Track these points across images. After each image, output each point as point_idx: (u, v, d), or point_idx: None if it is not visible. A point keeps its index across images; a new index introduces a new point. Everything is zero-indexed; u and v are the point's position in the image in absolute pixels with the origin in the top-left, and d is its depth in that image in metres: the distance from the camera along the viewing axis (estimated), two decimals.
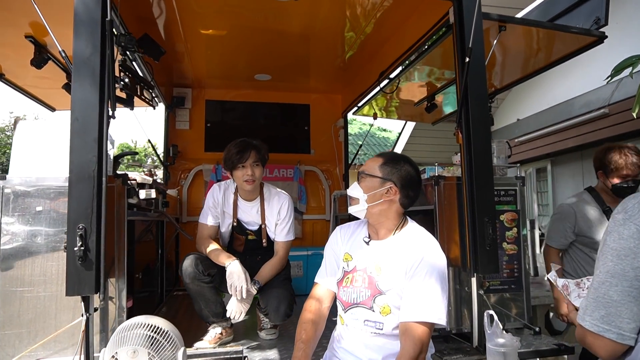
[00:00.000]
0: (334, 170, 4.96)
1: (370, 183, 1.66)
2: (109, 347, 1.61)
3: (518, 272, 2.52)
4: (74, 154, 1.80)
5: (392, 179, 1.64)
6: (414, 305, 1.48)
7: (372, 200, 1.64)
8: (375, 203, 1.64)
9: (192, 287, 2.40)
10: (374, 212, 1.65)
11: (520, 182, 2.58)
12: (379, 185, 1.64)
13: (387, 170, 1.65)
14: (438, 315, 1.47)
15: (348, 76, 4.37)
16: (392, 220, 1.66)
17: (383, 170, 1.66)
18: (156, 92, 3.91)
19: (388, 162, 1.67)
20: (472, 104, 2.24)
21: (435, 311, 1.47)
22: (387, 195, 1.63)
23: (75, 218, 1.78)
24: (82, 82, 1.82)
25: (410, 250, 1.56)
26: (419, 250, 1.55)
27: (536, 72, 3.44)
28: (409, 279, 1.52)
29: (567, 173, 5.43)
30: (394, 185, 1.63)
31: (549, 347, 2.25)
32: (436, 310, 1.47)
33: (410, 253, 1.55)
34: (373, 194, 1.64)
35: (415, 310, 1.47)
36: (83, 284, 1.77)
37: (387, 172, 1.65)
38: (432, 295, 1.48)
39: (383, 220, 1.66)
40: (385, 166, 1.66)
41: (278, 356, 2.26)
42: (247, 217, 2.68)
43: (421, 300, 1.48)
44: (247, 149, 2.53)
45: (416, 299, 1.48)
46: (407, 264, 1.54)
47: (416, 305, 1.47)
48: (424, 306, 1.47)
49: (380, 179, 1.64)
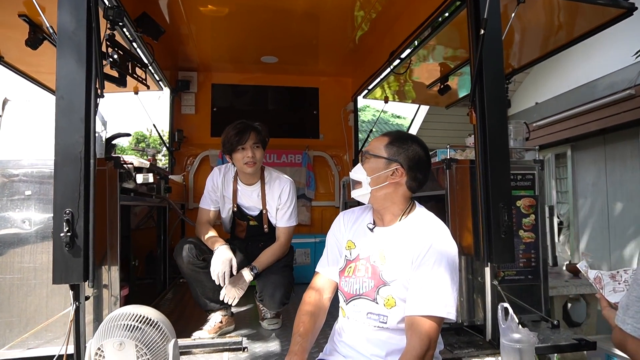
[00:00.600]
0: (343, 156, 4.83)
1: (375, 164, 1.52)
2: (95, 338, 1.52)
3: (535, 261, 2.36)
4: (59, 134, 1.70)
5: (399, 160, 1.49)
6: (421, 297, 1.35)
7: (376, 182, 1.51)
8: (379, 186, 1.50)
9: (187, 272, 2.32)
10: (378, 196, 1.52)
11: (539, 166, 2.41)
12: (384, 166, 1.50)
13: (393, 150, 1.51)
14: (447, 308, 1.33)
15: (358, 58, 4.20)
16: (398, 205, 1.52)
17: (389, 150, 1.51)
18: (159, 74, 3.82)
19: (394, 142, 1.53)
20: (487, 81, 2.07)
21: (444, 304, 1.34)
22: (392, 178, 1.49)
23: (62, 202, 1.68)
24: (66, 58, 1.71)
25: (417, 237, 1.43)
26: (426, 237, 1.41)
27: (557, 50, 3.23)
28: (415, 269, 1.38)
29: (589, 159, 5.19)
30: (401, 167, 1.49)
31: (568, 342, 2.11)
32: (445, 303, 1.34)
33: (418, 240, 1.41)
34: (377, 176, 1.51)
35: (422, 303, 1.34)
36: (71, 272, 1.68)
37: (393, 152, 1.51)
38: (441, 287, 1.35)
39: (388, 205, 1.53)
40: (391, 146, 1.52)
41: (279, 347, 2.16)
42: (248, 201, 2.58)
43: (429, 293, 1.35)
44: (247, 131, 2.41)
45: (423, 291, 1.35)
46: (413, 252, 1.40)
47: (423, 298, 1.34)
48: (431, 299, 1.34)
49: (386, 160, 1.50)
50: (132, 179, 2.31)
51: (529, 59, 3.49)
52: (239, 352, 2.06)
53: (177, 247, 2.35)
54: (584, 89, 4.97)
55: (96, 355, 1.50)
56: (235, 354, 2.04)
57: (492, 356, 2.01)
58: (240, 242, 2.59)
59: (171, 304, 3.07)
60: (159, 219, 3.20)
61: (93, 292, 1.94)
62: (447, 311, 1.33)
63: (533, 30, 2.96)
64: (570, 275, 3.97)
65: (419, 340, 1.30)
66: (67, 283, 1.69)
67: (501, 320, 1.65)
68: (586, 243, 5.22)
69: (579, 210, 5.37)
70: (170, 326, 1.62)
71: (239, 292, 2.24)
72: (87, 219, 1.71)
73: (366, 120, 16.24)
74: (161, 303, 3.02)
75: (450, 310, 1.34)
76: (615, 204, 4.83)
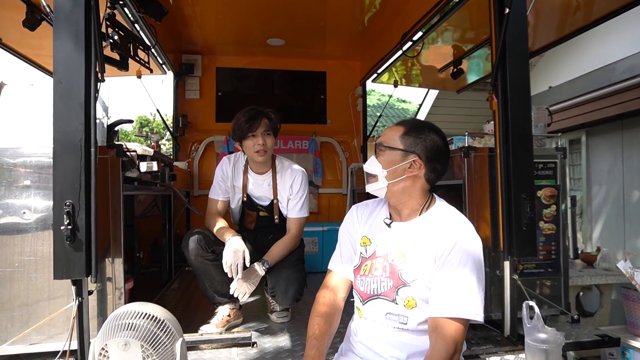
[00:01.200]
0: (351, 142, 4.72)
1: (391, 157, 1.41)
2: (99, 337, 1.44)
3: (556, 254, 2.27)
4: (57, 121, 1.60)
5: (416, 151, 1.39)
6: (446, 298, 1.26)
7: (393, 176, 1.40)
8: (397, 180, 1.40)
9: (195, 264, 2.24)
10: (395, 190, 1.41)
11: (561, 154, 2.30)
12: (401, 158, 1.40)
13: (409, 140, 1.40)
14: (474, 310, 1.24)
15: (367, 40, 4.06)
16: (416, 199, 1.42)
17: (405, 141, 1.41)
18: (162, 58, 3.70)
19: (411, 131, 1.42)
20: (510, 64, 1.95)
21: (471, 305, 1.24)
22: (410, 171, 1.39)
23: (62, 193, 1.59)
24: (64, 39, 1.60)
25: (440, 233, 1.33)
26: (451, 234, 1.31)
27: (575, 33, 3.09)
28: (439, 268, 1.29)
29: (604, 144, 5.04)
30: (418, 158, 1.39)
31: (591, 339, 2.02)
32: (472, 304, 1.25)
33: (441, 237, 1.32)
34: (394, 170, 1.40)
35: (447, 304, 1.25)
36: (72, 267, 1.60)
37: (410, 143, 1.40)
38: (467, 287, 1.26)
39: (406, 200, 1.43)
40: (407, 136, 1.41)
41: (290, 342, 2.09)
42: (258, 191, 2.48)
43: (454, 293, 1.25)
44: (258, 117, 2.30)
45: (448, 292, 1.26)
46: (436, 250, 1.30)
47: (448, 299, 1.25)
48: (457, 300, 1.25)
49: (402, 152, 1.40)
50: (136, 168, 2.23)
51: (545, 42, 3.35)
52: (248, 347, 1.99)
53: (185, 238, 2.27)
54: (600, 73, 4.80)
55: (100, 355, 1.42)
56: (244, 349, 1.98)
57: (511, 353, 1.93)
58: (249, 234, 2.51)
59: (177, 294, 3.00)
60: (163, 207, 3.12)
61: (97, 286, 1.87)
62: (475, 312, 1.24)
63: (549, 12, 2.81)
64: (584, 265, 3.87)
65: (444, 344, 1.21)
66: (68, 278, 1.61)
67: (526, 319, 1.56)
68: (600, 232, 5.11)
69: (593, 198, 5.25)
70: (178, 324, 1.54)
71: (250, 287, 2.15)
72: (89, 210, 1.62)
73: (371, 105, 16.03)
74: (167, 293, 2.96)
75: (477, 312, 1.25)
76: (631, 192, 4.70)
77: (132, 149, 2.22)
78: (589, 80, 4.96)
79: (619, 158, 4.86)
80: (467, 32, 3.36)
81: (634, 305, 3.10)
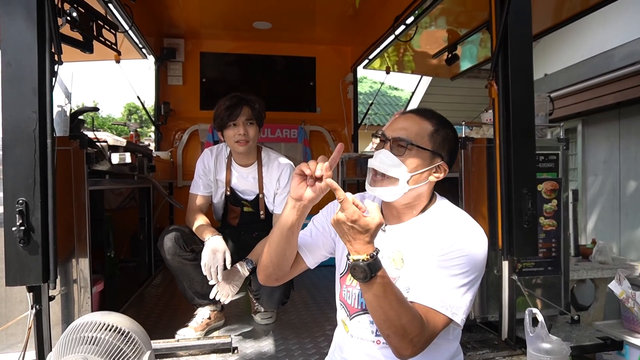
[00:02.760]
0: (341, 131, 4.55)
1: (419, 159, 1.17)
2: (54, 353, 1.29)
3: (556, 251, 2.14)
4: (7, 108, 1.42)
5: (442, 154, 1.20)
6: (430, 289, 1.10)
7: (418, 181, 1.18)
8: (419, 185, 1.19)
9: (172, 264, 2.07)
10: (410, 195, 1.21)
11: (564, 145, 2.16)
12: (429, 161, 1.18)
13: (438, 140, 1.19)
14: (456, 310, 1.08)
15: (358, 24, 3.87)
16: (423, 202, 1.24)
17: (434, 141, 1.19)
18: (141, 41, 3.48)
19: (440, 129, 1.20)
20: (512, 48, 1.79)
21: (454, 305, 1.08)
22: (436, 175, 1.20)
23: (13, 190, 1.42)
24: (12, 15, 1.41)
25: (440, 232, 1.16)
26: (451, 233, 1.14)
27: (571, 19, 2.94)
28: (435, 261, 1.12)
29: (601, 133, 4.93)
30: (444, 163, 1.20)
31: (592, 342, 1.91)
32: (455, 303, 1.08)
33: (440, 236, 1.14)
34: (420, 174, 1.18)
35: (429, 294, 1.09)
36: (27, 272, 1.44)
37: (439, 143, 1.19)
38: (456, 286, 1.09)
39: (416, 204, 1.23)
40: (436, 135, 1.19)
41: (273, 347, 1.95)
42: (243, 185, 2.32)
43: (440, 287, 1.09)
44: (239, 105, 2.13)
45: (434, 284, 1.10)
46: (434, 248, 1.14)
47: (432, 290, 1.09)
48: (441, 294, 1.08)
49: (431, 153, 1.18)
50: (107, 159, 2.04)
51: (542, 27, 3.20)
52: (227, 353, 1.85)
53: (161, 236, 2.10)
54: (598, 60, 4.66)
55: None
56: (224, 355, 1.83)
57: (509, 358, 1.82)
58: (232, 230, 2.34)
59: (157, 291, 2.85)
60: (142, 201, 2.94)
61: (60, 290, 1.71)
62: (454, 312, 1.08)
63: None
64: (579, 258, 3.78)
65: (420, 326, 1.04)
66: (23, 285, 1.45)
67: (529, 328, 1.43)
68: (594, 223, 5.03)
69: (588, 189, 5.16)
70: (145, 335, 1.39)
71: (233, 289, 1.99)
72: (45, 209, 1.45)
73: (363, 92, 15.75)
74: (146, 291, 2.80)
75: (457, 313, 1.08)
76: (628, 182, 4.60)
77: (102, 139, 2.04)
78: (587, 68, 4.83)
79: (615, 148, 4.75)
80: (462, 15, 3.20)
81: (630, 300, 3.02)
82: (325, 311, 2.45)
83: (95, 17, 1.79)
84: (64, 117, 1.73)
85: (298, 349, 1.92)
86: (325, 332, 2.12)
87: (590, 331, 2.04)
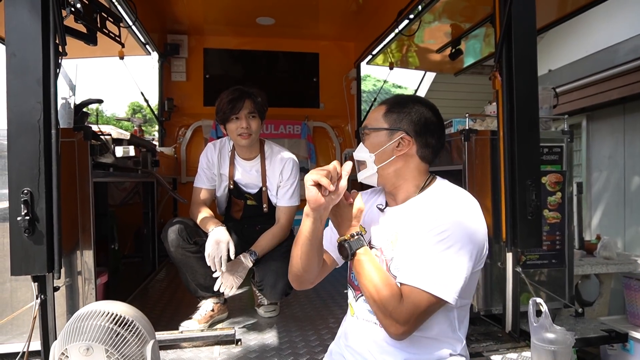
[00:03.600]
0: (345, 127, 4.54)
1: (376, 138, 1.28)
2: (59, 340, 1.30)
3: (560, 244, 2.13)
4: (12, 99, 1.43)
5: (402, 127, 1.25)
6: (419, 268, 1.09)
7: (382, 159, 1.26)
8: (386, 162, 1.26)
9: (176, 256, 2.09)
10: (387, 174, 1.27)
11: (568, 138, 2.15)
12: (387, 138, 1.26)
13: (393, 117, 1.26)
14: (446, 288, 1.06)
15: (362, 19, 3.86)
16: (411, 181, 1.27)
17: (389, 119, 1.27)
18: (145, 37, 3.49)
19: (393, 108, 1.28)
20: (516, 38, 1.79)
21: (444, 283, 1.07)
22: (399, 150, 1.25)
23: (18, 180, 1.43)
24: (17, 6, 1.42)
25: (433, 209, 1.16)
26: (444, 207, 1.15)
27: (576, 12, 2.91)
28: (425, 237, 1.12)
29: (606, 129, 4.90)
30: (406, 135, 1.24)
31: (597, 334, 1.90)
32: (445, 281, 1.07)
33: (433, 212, 1.14)
34: (382, 152, 1.26)
35: (418, 273, 1.09)
36: (32, 261, 1.45)
37: (394, 119, 1.26)
38: (446, 263, 1.08)
39: (401, 183, 1.28)
40: (390, 113, 1.27)
41: (277, 339, 1.96)
42: (246, 178, 2.32)
43: (429, 265, 1.08)
44: (241, 98, 2.14)
45: (423, 262, 1.09)
46: (426, 225, 1.13)
47: (421, 269, 1.09)
48: (430, 272, 1.08)
49: (388, 131, 1.26)
50: (111, 152, 2.05)
51: (546, 21, 3.17)
52: (231, 345, 1.86)
53: (164, 228, 2.11)
54: (603, 54, 4.63)
55: None
56: (227, 347, 1.84)
57: (513, 351, 1.81)
58: (235, 224, 2.35)
59: (161, 285, 2.86)
60: (146, 195, 2.95)
61: (65, 281, 1.72)
62: (444, 291, 1.06)
63: None
64: (584, 253, 3.76)
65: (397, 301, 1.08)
66: (28, 274, 1.46)
67: (532, 318, 1.43)
68: (599, 219, 5.01)
69: (593, 185, 5.13)
70: (149, 325, 1.39)
71: (237, 280, 2.00)
72: (50, 199, 1.46)
73: (367, 91, 15.75)
74: (150, 285, 2.81)
75: (447, 291, 1.07)
76: (633, 178, 4.58)
77: (106, 132, 2.04)
78: (591, 62, 4.79)
79: (620, 143, 4.72)
80: (466, 8, 3.18)
81: (635, 295, 3.00)
82: (329, 305, 2.45)
83: (99, 9, 1.80)
84: (68, 109, 1.74)
85: (301, 342, 1.92)
86: (329, 325, 2.12)
87: (594, 324, 2.03)
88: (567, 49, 5.35)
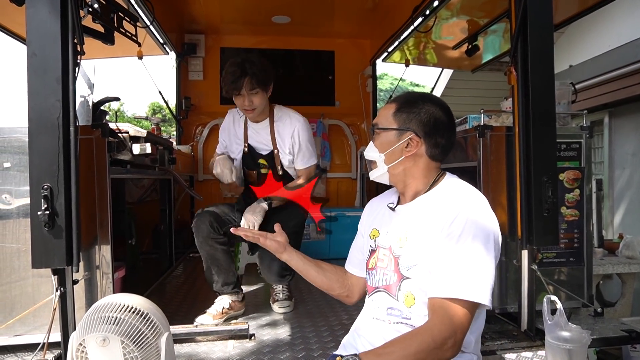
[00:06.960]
0: (360, 124, 4.54)
1: (386, 138, 1.29)
2: (77, 332, 1.33)
3: (579, 242, 2.09)
4: (32, 97, 1.47)
5: (411, 127, 1.25)
6: (444, 277, 1.09)
7: (391, 159, 1.28)
8: (396, 162, 1.27)
9: (204, 248, 2.18)
10: (397, 173, 1.29)
11: (586, 134, 2.10)
12: (396, 138, 1.26)
13: (402, 117, 1.26)
14: (476, 290, 1.06)
15: (377, 17, 3.86)
16: (421, 179, 1.28)
17: (398, 119, 1.27)
18: (163, 37, 3.55)
19: (403, 107, 1.28)
20: (532, 32, 1.76)
21: (472, 285, 1.07)
22: (408, 150, 1.25)
23: (38, 176, 1.48)
24: (37, 7, 1.46)
25: (443, 206, 1.17)
26: (455, 205, 1.15)
27: (597, 5, 2.84)
28: (440, 243, 1.13)
29: (629, 126, 4.76)
30: (415, 135, 1.25)
31: (616, 334, 1.85)
32: (473, 283, 1.07)
33: (443, 209, 1.16)
34: (391, 152, 1.27)
35: (444, 283, 1.08)
36: (52, 255, 1.49)
37: (404, 119, 1.26)
38: (469, 264, 1.08)
39: (410, 182, 1.29)
40: (400, 113, 1.27)
41: (290, 335, 1.97)
42: (257, 138, 2.43)
43: (453, 271, 1.08)
44: (241, 77, 2.19)
45: (447, 269, 1.09)
46: (438, 223, 1.14)
47: (446, 277, 1.09)
48: (456, 278, 1.08)
49: (397, 131, 1.26)
50: (128, 149, 2.10)
51: (566, 15, 3.11)
52: (245, 340, 1.88)
53: (196, 216, 2.22)
54: (626, 49, 4.50)
55: (78, 351, 1.31)
56: (241, 342, 1.86)
57: (528, 349, 1.78)
58: (252, 201, 2.38)
59: (178, 281, 2.91)
60: (163, 192, 3.00)
61: (84, 275, 1.76)
62: (474, 293, 1.06)
63: None
64: (605, 253, 3.67)
65: (439, 320, 1.06)
66: (48, 267, 1.50)
67: (547, 316, 1.40)
68: (622, 218, 4.88)
69: (615, 182, 5.00)
70: (163, 317, 1.42)
71: (257, 217, 2.15)
72: (69, 194, 1.50)
73: (384, 89, 15.64)
74: (167, 281, 2.86)
75: (478, 293, 1.06)
76: None
77: (123, 130, 2.09)
78: (614, 57, 4.67)
79: None
80: (483, 4, 3.14)
81: None
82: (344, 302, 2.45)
83: (116, 9, 1.84)
84: (86, 107, 1.78)
85: (314, 337, 1.94)
86: (342, 320, 2.13)
87: (614, 324, 1.98)
88: (589, 43, 5.22)
